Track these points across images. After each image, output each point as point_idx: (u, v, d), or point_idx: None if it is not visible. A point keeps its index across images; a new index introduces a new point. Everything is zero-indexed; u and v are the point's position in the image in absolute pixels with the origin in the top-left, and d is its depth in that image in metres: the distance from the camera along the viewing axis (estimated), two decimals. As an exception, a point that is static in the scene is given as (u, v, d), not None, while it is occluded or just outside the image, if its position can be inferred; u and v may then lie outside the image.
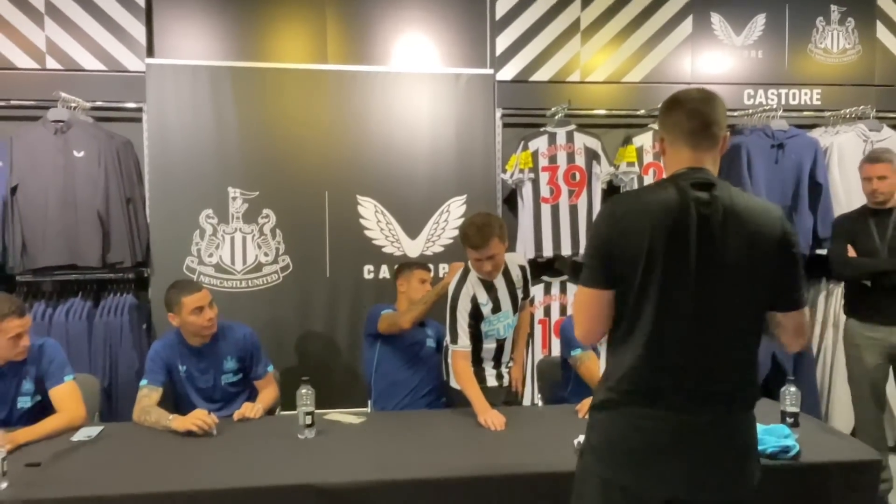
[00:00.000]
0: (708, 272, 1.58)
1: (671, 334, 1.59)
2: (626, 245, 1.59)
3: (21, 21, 3.77)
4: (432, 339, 3.24)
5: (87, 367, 3.45)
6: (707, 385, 1.61)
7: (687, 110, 1.65)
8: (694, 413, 1.60)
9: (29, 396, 2.62)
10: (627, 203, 1.70)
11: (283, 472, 2.15)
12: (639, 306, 1.60)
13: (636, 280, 1.59)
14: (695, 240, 1.57)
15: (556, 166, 4.03)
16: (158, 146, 3.73)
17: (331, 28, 4.14)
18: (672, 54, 4.31)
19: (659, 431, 1.61)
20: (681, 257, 1.57)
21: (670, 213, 1.58)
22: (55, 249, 3.53)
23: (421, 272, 3.27)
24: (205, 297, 2.79)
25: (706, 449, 1.61)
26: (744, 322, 1.63)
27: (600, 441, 1.69)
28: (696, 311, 1.59)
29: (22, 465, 2.14)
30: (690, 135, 1.64)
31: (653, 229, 1.57)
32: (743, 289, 1.61)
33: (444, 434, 2.52)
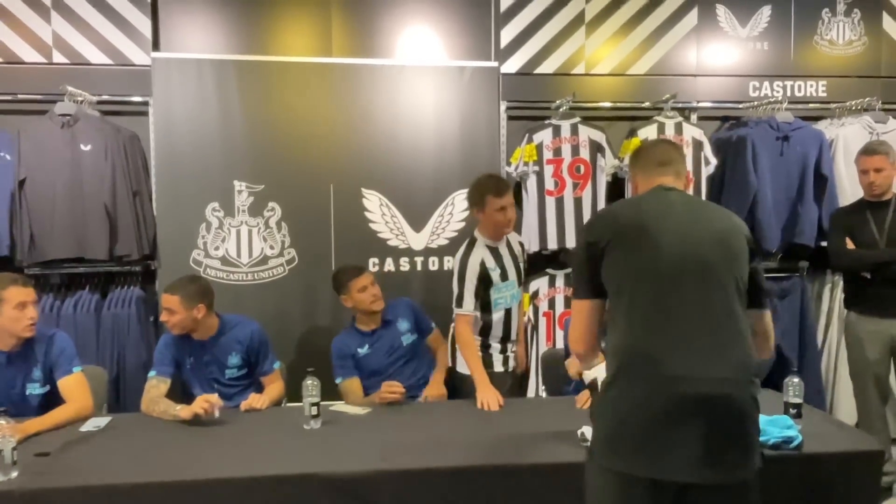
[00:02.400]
0: (679, 251, 1.80)
1: (656, 309, 1.76)
2: (607, 236, 1.85)
3: (28, 15, 3.79)
4: (409, 335, 3.22)
5: (95, 359, 3.48)
6: (710, 365, 1.71)
7: (649, 150, 2.10)
8: (702, 394, 1.68)
9: (38, 384, 2.65)
10: (603, 210, 2.06)
11: (289, 461, 2.17)
12: (623, 287, 1.82)
13: (616, 262, 1.83)
14: (668, 228, 1.83)
15: (560, 159, 4.03)
16: (164, 140, 3.75)
17: (335, 21, 4.15)
18: (677, 46, 4.30)
19: (667, 413, 1.68)
20: (654, 241, 1.81)
21: (642, 206, 1.92)
22: (63, 242, 3.56)
23: (360, 280, 3.11)
24: (167, 300, 2.79)
25: (716, 431, 1.68)
26: (722, 300, 1.78)
27: (609, 430, 1.76)
28: (676, 287, 1.77)
29: (31, 454, 2.18)
30: (657, 165, 1.99)
31: (628, 220, 1.87)
32: (713, 268, 1.80)
33: (448, 424, 2.55)
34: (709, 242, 1.81)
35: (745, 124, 4.16)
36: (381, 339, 3.15)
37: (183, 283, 2.85)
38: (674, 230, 1.81)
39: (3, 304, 2.53)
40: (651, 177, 1.98)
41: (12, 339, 2.60)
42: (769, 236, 3.99)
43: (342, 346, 3.13)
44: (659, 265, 1.77)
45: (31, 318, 2.58)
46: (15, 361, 2.63)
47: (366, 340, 3.14)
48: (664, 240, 1.79)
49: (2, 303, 2.53)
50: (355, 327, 3.20)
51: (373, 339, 3.14)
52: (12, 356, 2.62)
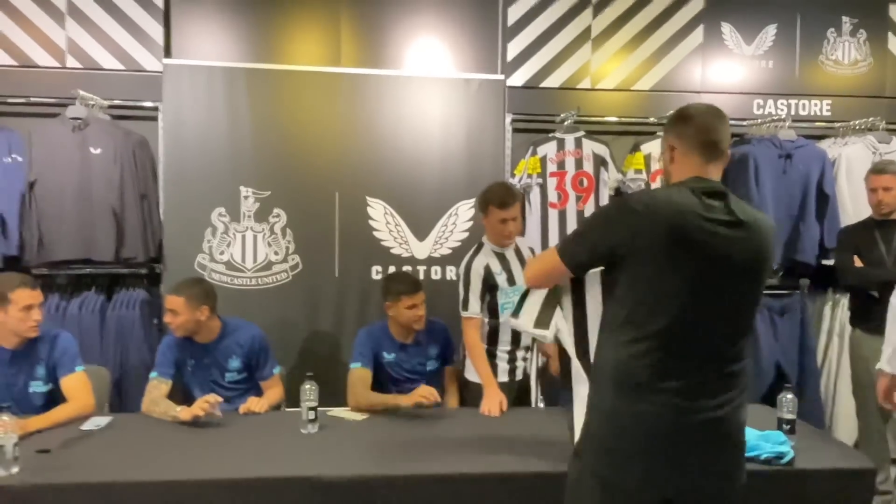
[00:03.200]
0: (715, 275, 1.67)
1: (678, 330, 1.66)
2: (639, 242, 1.66)
3: (43, 20, 3.87)
4: (434, 361, 3.18)
5: (99, 359, 3.51)
6: (709, 381, 1.69)
7: (700, 124, 1.75)
8: (694, 408, 1.67)
9: (41, 381, 2.70)
10: (644, 202, 1.72)
11: (285, 464, 2.20)
12: (648, 302, 1.68)
13: (646, 275, 1.68)
14: (708, 243, 1.65)
15: (564, 172, 4.07)
16: (173, 145, 3.80)
17: (345, 31, 4.21)
18: (682, 63, 4.34)
19: (660, 426, 1.67)
20: (693, 258, 1.65)
21: (687, 216, 1.65)
22: (70, 244, 3.61)
23: (408, 298, 2.98)
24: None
25: (705, 445, 1.68)
26: (743, 323, 1.74)
27: (607, 441, 1.73)
28: (703, 309, 1.67)
29: (33, 451, 2.21)
30: (703, 147, 1.74)
31: (670, 229, 1.64)
32: (745, 293, 1.72)
33: (445, 431, 2.56)
34: (740, 271, 1.70)
35: (748, 142, 4.18)
36: (407, 354, 3.11)
37: (187, 285, 2.89)
38: (708, 255, 1.65)
39: (10, 304, 2.58)
40: (691, 160, 1.74)
41: (16, 338, 2.65)
42: (770, 253, 4.00)
43: (371, 340, 3.06)
44: (682, 292, 1.65)
45: (36, 320, 2.63)
46: (18, 359, 2.68)
47: (394, 348, 3.09)
48: (695, 265, 1.65)
49: (9, 303, 2.58)
50: (389, 330, 3.12)
51: (400, 351, 3.10)
52: (16, 354, 2.67)
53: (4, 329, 2.63)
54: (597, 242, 1.75)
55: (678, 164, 1.78)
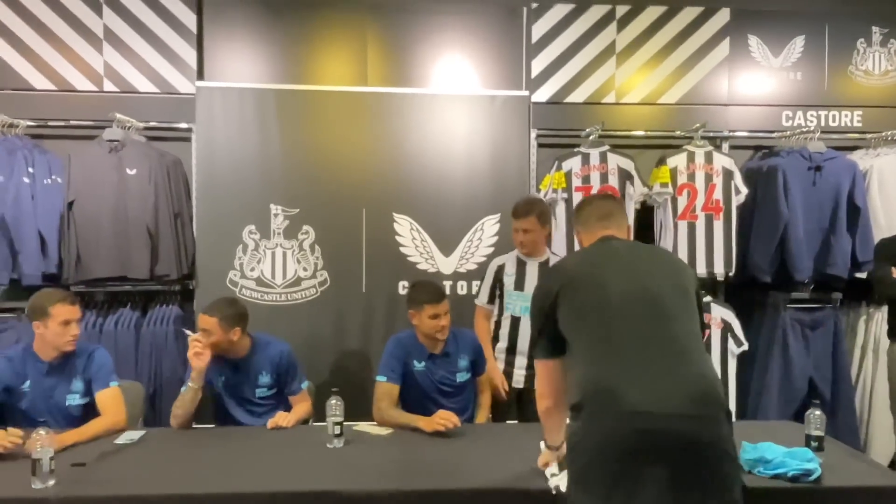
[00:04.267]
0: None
1: (623, 349, 1.79)
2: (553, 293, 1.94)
3: (81, 46, 4.02)
4: (465, 373, 3.15)
5: (134, 374, 3.63)
6: (668, 400, 1.71)
7: (593, 206, 2.18)
8: (662, 429, 1.68)
9: (78, 395, 2.79)
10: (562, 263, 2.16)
11: (311, 478, 2.23)
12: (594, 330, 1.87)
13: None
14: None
15: (589, 186, 4.07)
16: (206, 164, 3.91)
17: (371, 52, 4.29)
18: (709, 76, 4.33)
19: (631, 449, 1.68)
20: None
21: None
22: (107, 262, 3.72)
23: (431, 308, 2.98)
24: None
25: (682, 467, 1.67)
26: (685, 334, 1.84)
27: (578, 470, 1.78)
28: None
29: (68, 464, 2.28)
30: (599, 220, 2.12)
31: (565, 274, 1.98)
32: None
33: (471, 447, 2.57)
34: (656, 278, 1.90)
35: (777, 154, 4.14)
36: (436, 365, 3.09)
37: (221, 306, 2.92)
38: (620, 270, 1.92)
39: (50, 319, 2.68)
40: (593, 231, 2.11)
41: (55, 351, 2.75)
42: (801, 267, 3.95)
43: (400, 349, 3.05)
44: (609, 300, 1.85)
45: (73, 335, 2.73)
46: (56, 372, 2.78)
47: (423, 357, 3.07)
48: (611, 279, 1.89)
49: (48, 318, 2.68)
50: (417, 339, 3.11)
51: (429, 361, 3.08)
52: (53, 367, 2.77)
53: (44, 342, 2.73)
54: (540, 315, 1.99)
55: (586, 242, 2.14)
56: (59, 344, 2.72)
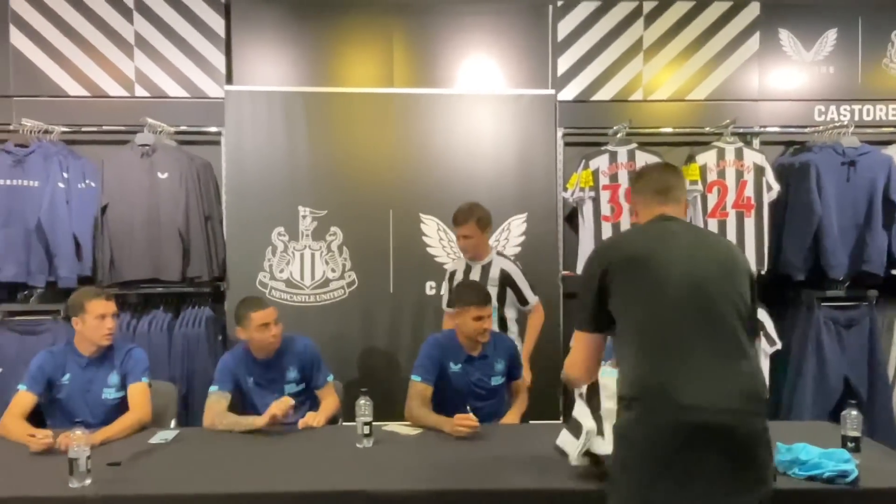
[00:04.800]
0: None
1: (678, 345, 1.79)
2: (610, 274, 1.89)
3: (113, 52, 4.09)
4: (499, 377, 3.11)
5: (167, 375, 3.67)
6: (719, 395, 1.74)
7: (652, 177, 2.08)
8: (711, 423, 1.71)
9: (114, 388, 2.86)
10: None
11: (341, 478, 2.25)
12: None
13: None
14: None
15: (617, 185, 4.04)
16: (235, 167, 3.97)
17: (397, 53, 4.31)
18: (738, 71, 4.26)
19: (680, 442, 1.72)
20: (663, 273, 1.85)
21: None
22: (140, 264, 3.80)
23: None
24: (271, 314, 2.95)
25: (726, 459, 1.72)
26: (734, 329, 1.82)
27: (626, 458, 1.80)
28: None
29: (104, 463, 2.32)
30: (657, 194, 2.02)
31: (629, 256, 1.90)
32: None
33: (500, 447, 2.57)
34: (714, 272, 1.86)
35: (810, 149, 4.07)
36: (473, 367, 3.06)
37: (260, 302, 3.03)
38: (678, 260, 1.86)
39: (86, 314, 2.77)
40: (650, 206, 2.03)
41: (92, 346, 2.83)
42: (835, 264, 3.88)
43: (438, 349, 3.04)
44: (666, 295, 1.81)
45: (109, 329, 2.81)
46: (94, 366, 2.85)
47: (461, 359, 3.05)
48: (670, 269, 1.84)
49: (85, 313, 2.77)
50: (457, 340, 3.08)
51: (467, 363, 3.05)
52: (91, 361, 2.85)
53: (82, 337, 2.82)
54: (591, 289, 1.92)
55: (643, 217, 2.06)
56: (97, 337, 2.80)
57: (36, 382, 2.77)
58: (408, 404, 2.93)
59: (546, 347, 3.95)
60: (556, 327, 4.09)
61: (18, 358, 3.58)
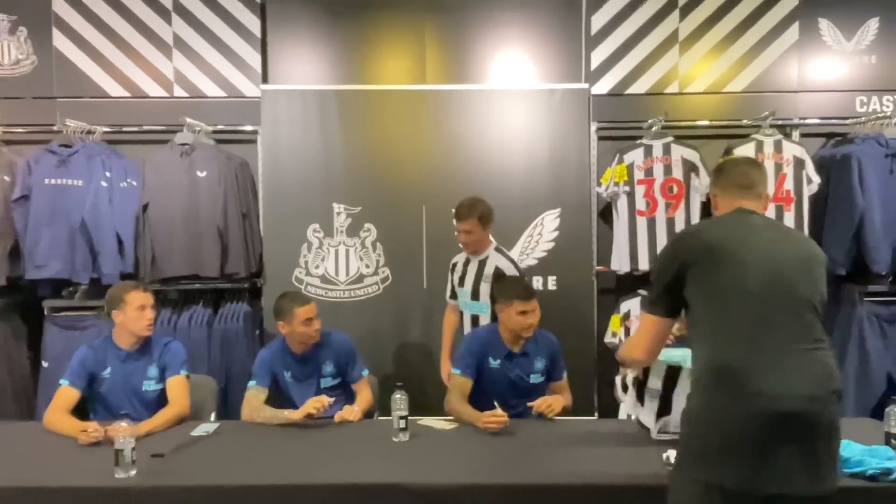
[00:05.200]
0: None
1: (758, 332, 1.80)
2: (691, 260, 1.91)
3: (152, 54, 4.18)
4: (538, 375, 3.06)
5: (207, 369, 3.75)
6: (798, 382, 1.75)
7: (736, 171, 2.08)
8: (791, 410, 1.72)
9: (153, 381, 2.93)
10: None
11: (378, 471, 2.28)
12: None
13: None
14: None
15: (652, 179, 4.00)
16: (271, 165, 4.03)
17: (429, 50, 4.32)
18: (777, 62, 4.18)
19: (757, 427, 1.72)
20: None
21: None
22: (180, 261, 3.87)
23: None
24: (314, 308, 3.02)
25: (805, 445, 1.73)
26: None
27: (698, 441, 1.81)
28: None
29: (148, 455, 2.38)
30: (740, 189, 2.02)
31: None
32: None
33: (534, 441, 2.57)
34: (792, 264, 1.88)
35: (851, 141, 3.98)
36: (512, 363, 3.04)
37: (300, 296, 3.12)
38: (759, 250, 1.88)
39: (126, 306, 2.85)
40: (732, 199, 2.02)
41: (133, 338, 2.90)
42: (878, 258, 3.79)
43: (478, 345, 3.03)
44: (746, 283, 1.83)
45: (149, 319, 2.89)
46: (134, 358, 2.93)
47: (501, 355, 3.03)
48: (750, 259, 1.85)
49: (125, 305, 2.85)
50: (500, 335, 3.08)
51: (506, 359, 3.04)
52: (131, 353, 2.92)
53: (123, 330, 2.89)
54: (667, 274, 1.94)
55: (723, 209, 2.07)
56: (137, 329, 2.87)
57: (78, 377, 2.85)
58: (447, 397, 2.95)
59: (580, 343, 3.96)
60: (589, 323, 4.08)
61: (64, 352, 3.68)
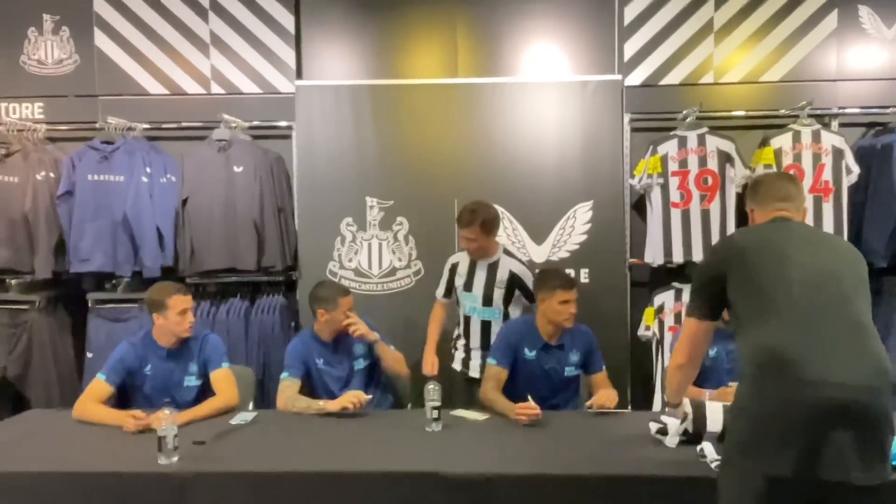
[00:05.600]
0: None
1: (808, 320, 1.80)
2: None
3: (190, 52, 4.27)
4: (573, 368, 3.07)
5: (244, 360, 3.84)
6: (851, 371, 1.73)
7: (773, 186, 2.13)
8: (844, 399, 1.70)
9: (194, 376, 3.00)
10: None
11: (412, 459, 2.32)
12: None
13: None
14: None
15: (686, 170, 3.96)
16: (305, 160, 4.08)
17: (461, 43, 4.33)
18: (815, 51, 4.11)
19: (810, 415, 1.71)
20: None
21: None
22: (218, 254, 3.96)
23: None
24: (352, 300, 3.12)
25: (858, 434, 1.71)
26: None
27: (748, 430, 1.81)
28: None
29: (190, 442, 2.46)
30: (777, 201, 2.08)
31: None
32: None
33: (562, 434, 2.59)
34: (836, 259, 1.92)
35: (892, 131, 3.89)
36: (547, 355, 3.05)
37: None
38: (799, 246, 1.92)
39: (168, 310, 2.91)
40: (769, 211, 2.08)
41: (173, 338, 2.98)
42: (920, 250, 3.71)
43: (514, 336, 3.04)
44: (790, 273, 1.85)
45: (191, 322, 2.97)
46: (174, 357, 3.00)
47: (536, 347, 3.04)
48: (792, 254, 1.89)
49: (167, 309, 2.91)
50: (536, 326, 3.08)
51: (542, 351, 3.04)
52: (172, 352, 3.00)
53: (164, 331, 2.96)
54: (707, 279, 2.02)
55: (759, 221, 2.12)
56: (179, 331, 2.95)
57: (115, 374, 2.92)
58: (483, 386, 2.97)
59: (613, 336, 3.94)
60: (622, 316, 4.06)
61: (107, 343, 3.81)
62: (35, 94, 4.31)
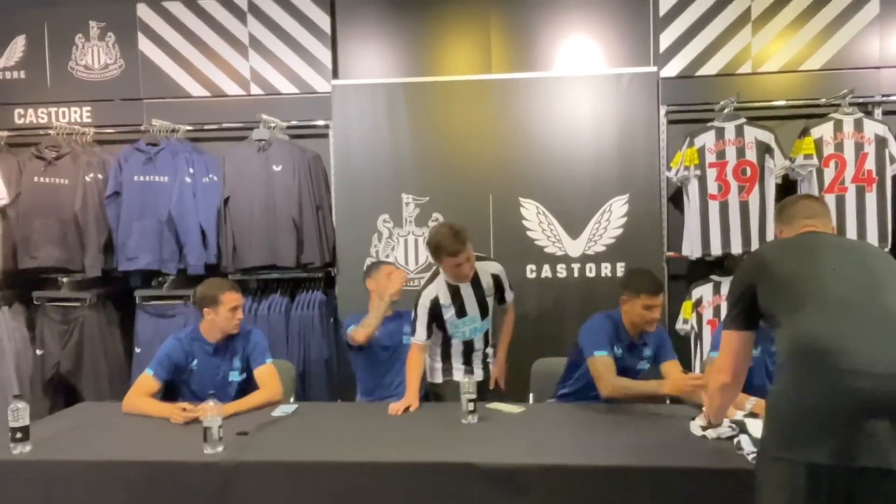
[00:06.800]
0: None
1: (845, 310, 1.80)
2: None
3: (230, 54, 4.37)
4: (646, 362, 3.09)
5: (285, 354, 3.93)
6: (890, 361, 1.71)
7: (799, 207, 2.19)
8: (883, 389, 1.68)
9: (238, 371, 3.09)
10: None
11: (449, 451, 2.36)
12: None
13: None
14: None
15: (724, 162, 3.91)
16: (342, 158, 4.15)
17: (494, 39, 4.35)
18: (857, 37, 4.02)
19: (848, 404, 1.69)
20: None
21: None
22: (258, 252, 4.05)
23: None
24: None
25: (892, 418, 1.68)
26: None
27: (785, 420, 1.78)
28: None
29: (233, 433, 2.54)
30: (805, 218, 2.13)
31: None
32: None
33: (595, 426, 2.61)
34: (868, 258, 1.94)
35: (938, 118, 3.79)
36: (629, 353, 3.02)
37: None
38: (830, 248, 1.98)
39: (220, 306, 3.00)
40: (797, 227, 2.13)
41: (220, 333, 3.06)
42: (969, 240, 3.61)
43: (611, 329, 2.99)
44: (822, 268, 1.89)
45: (240, 318, 3.06)
46: (220, 352, 3.09)
47: (622, 345, 2.99)
48: (823, 252, 1.95)
49: (220, 304, 3.00)
50: (625, 326, 3.01)
51: (625, 349, 3.00)
52: (217, 347, 3.08)
53: (213, 326, 3.05)
54: (738, 292, 2.03)
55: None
56: (228, 327, 3.03)
57: (162, 368, 3.00)
58: (604, 378, 2.84)
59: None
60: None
61: (154, 338, 3.94)
62: (83, 98, 4.47)
